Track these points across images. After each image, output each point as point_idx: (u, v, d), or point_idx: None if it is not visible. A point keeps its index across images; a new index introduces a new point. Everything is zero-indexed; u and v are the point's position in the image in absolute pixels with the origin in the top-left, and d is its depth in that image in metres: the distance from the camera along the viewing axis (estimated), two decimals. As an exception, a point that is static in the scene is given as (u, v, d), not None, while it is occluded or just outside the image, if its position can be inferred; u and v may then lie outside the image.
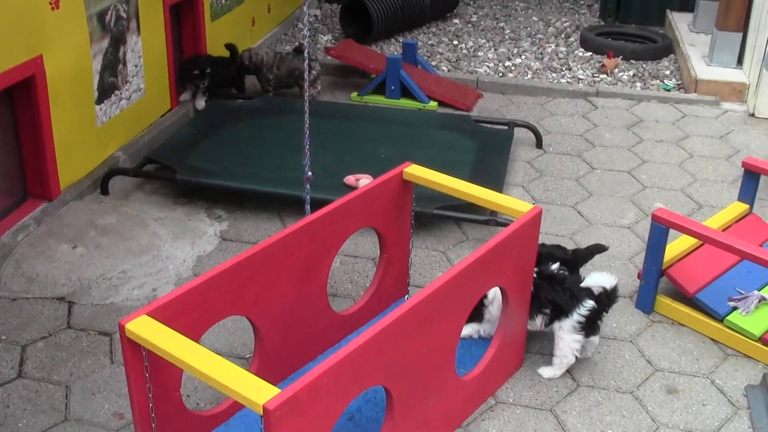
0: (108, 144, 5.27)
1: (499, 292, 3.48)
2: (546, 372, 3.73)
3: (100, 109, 5.13)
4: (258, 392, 2.45)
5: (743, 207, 4.61)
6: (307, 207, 4.00)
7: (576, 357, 3.67)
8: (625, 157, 5.78)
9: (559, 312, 3.61)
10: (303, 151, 3.89)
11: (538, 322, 3.67)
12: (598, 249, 4.11)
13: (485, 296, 3.64)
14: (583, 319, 3.58)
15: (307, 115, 3.86)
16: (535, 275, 3.58)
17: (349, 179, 4.93)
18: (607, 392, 3.68)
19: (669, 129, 6.24)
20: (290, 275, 3.33)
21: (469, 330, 3.78)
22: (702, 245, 4.27)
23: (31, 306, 4.12)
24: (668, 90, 6.90)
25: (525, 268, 3.47)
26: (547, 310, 3.63)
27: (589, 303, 3.57)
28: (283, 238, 3.23)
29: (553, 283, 3.62)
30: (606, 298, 3.63)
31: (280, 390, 2.45)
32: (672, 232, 3.99)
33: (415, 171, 3.73)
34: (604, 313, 3.65)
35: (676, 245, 4.23)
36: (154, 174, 5.22)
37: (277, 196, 4.85)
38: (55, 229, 4.64)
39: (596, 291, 3.62)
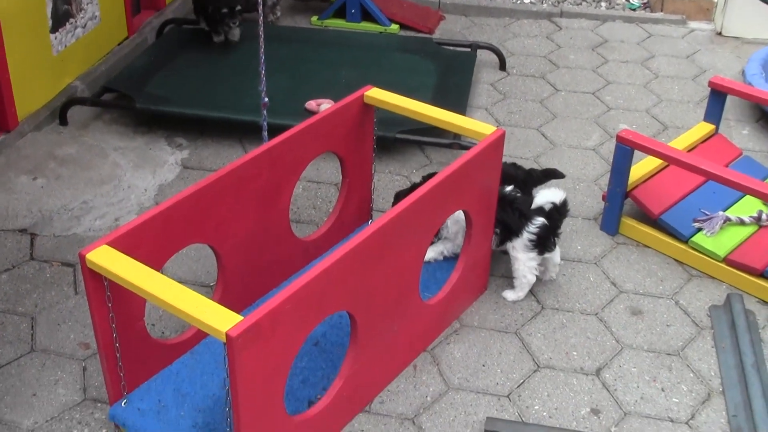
0: (65, 73, 5.15)
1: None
2: (510, 295, 3.75)
3: (55, 38, 5.00)
4: (220, 320, 2.44)
5: (709, 127, 4.60)
6: (264, 134, 3.96)
7: (537, 276, 3.69)
8: (590, 78, 5.74)
9: (510, 232, 3.62)
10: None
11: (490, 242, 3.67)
12: (555, 174, 4.05)
13: None
14: (534, 237, 3.58)
15: (261, 39, 3.81)
16: None
17: (311, 104, 4.87)
18: (571, 314, 3.71)
19: (634, 49, 6.20)
20: (251, 202, 3.30)
21: (432, 253, 3.78)
22: (667, 167, 4.27)
23: (-8, 238, 4.08)
24: (634, 9, 6.85)
25: (488, 191, 3.46)
26: (497, 230, 3.63)
27: (539, 220, 3.57)
28: (243, 164, 3.19)
29: (504, 203, 3.61)
30: (557, 214, 3.63)
31: (242, 317, 2.44)
32: (637, 153, 3.99)
33: (376, 94, 3.68)
34: (557, 228, 3.65)
35: (641, 167, 4.23)
36: (113, 103, 5.13)
37: (238, 122, 4.79)
38: (14, 160, 4.57)
39: (547, 207, 3.61)
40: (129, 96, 4.98)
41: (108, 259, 2.69)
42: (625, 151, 3.94)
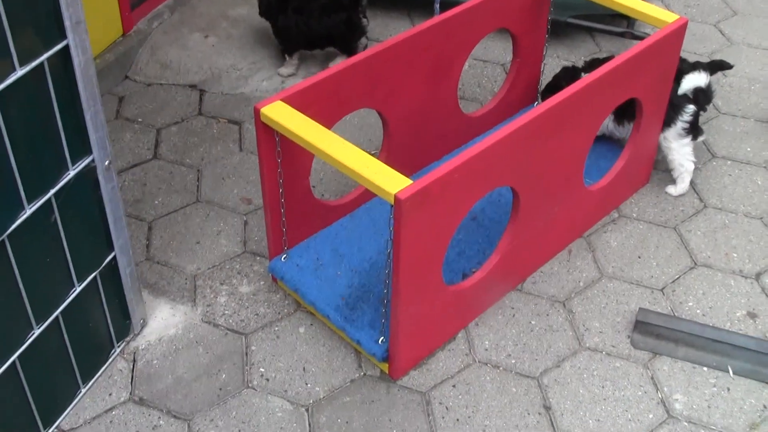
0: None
1: None
2: (673, 190, 3.66)
3: None
4: (391, 182, 2.48)
5: None
6: (436, 5, 3.92)
7: (694, 163, 3.62)
8: (781, -24, 5.40)
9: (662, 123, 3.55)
10: None
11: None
12: (721, 65, 3.85)
13: None
14: (687, 125, 3.53)
15: None
16: None
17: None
18: (735, 216, 3.60)
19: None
20: (421, 73, 3.29)
21: None
22: None
23: (165, 92, 4.22)
24: None
25: (664, 81, 3.35)
26: None
27: (690, 107, 3.52)
28: (416, 34, 3.17)
29: None
30: (704, 96, 3.56)
31: (411, 181, 2.47)
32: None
33: (555, -27, 3.58)
34: (702, 111, 3.60)
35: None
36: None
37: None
38: (188, 18, 4.68)
39: (692, 94, 3.53)
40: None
41: (282, 114, 2.74)
42: (813, 51, 3.73)
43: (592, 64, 3.71)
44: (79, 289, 2.65)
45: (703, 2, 5.07)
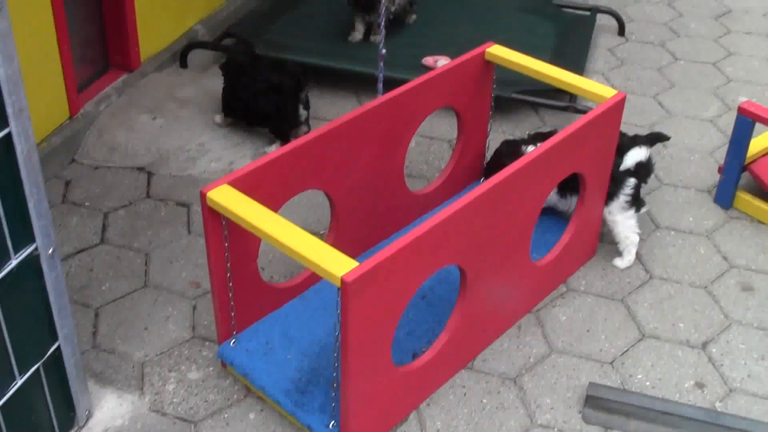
0: (187, 17, 5.25)
1: None
2: (620, 262, 3.72)
3: (180, -18, 5.11)
4: (337, 264, 2.48)
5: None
6: (380, 85, 3.98)
7: (638, 235, 3.70)
8: (711, 48, 5.57)
9: (606, 197, 3.62)
10: (379, 29, 3.86)
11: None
12: (659, 137, 3.87)
13: None
14: (629, 198, 3.62)
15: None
16: None
17: (428, 60, 4.87)
18: (680, 286, 3.66)
19: (759, 20, 5.97)
20: (368, 152, 3.33)
21: None
22: (789, 142, 4.15)
23: (113, 175, 4.21)
24: (761, -21, 6.60)
25: (605, 155, 3.42)
26: None
27: (631, 181, 3.61)
28: (363, 113, 3.22)
29: None
30: (644, 170, 3.66)
31: (358, 263, 2.48)
32: (758, 127, 3.88)
33: (497, 51, 3.65)
34: (644, 183, 3.69)
35: (761, 140, 4.11)
36: (233, 48, 5.20)
37: (355, 74, 4.81)
38: (136, 99, 4.69)
39: (633, 167, 3.62)
40: (249, 42, 5.03)
41: (229, 198, 2.75)
42: (746, 122, 3.84)
43: (536, 138, 3.79)
44: (20, 382, 2.59)
45: (642, 75, 5.21)
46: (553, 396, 3.15)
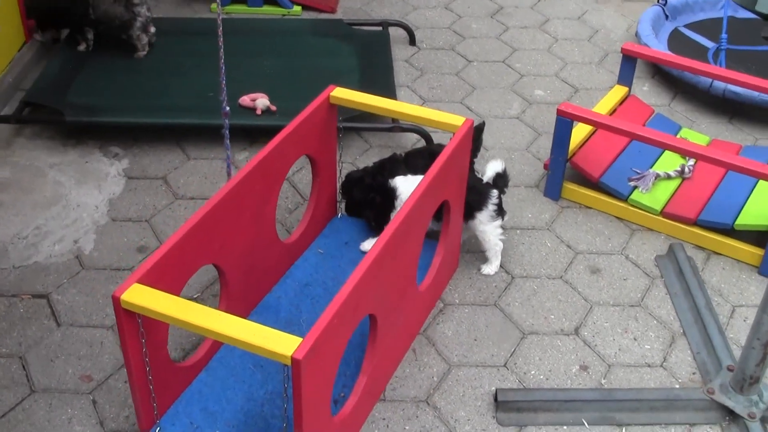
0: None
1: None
2: (489, 269, 3.99)
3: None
4: (282, 345, 2.55)
5: (624, 90, 4.95)
6: (227, 141, 3.99)
7: (502, 241, 3.97)
8: (496, 46, 5.98)
9: (471, 210, 3.88)
10: (215, 82, 3.87)
11: None
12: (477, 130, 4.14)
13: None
14: (495, 207, 3.89)
15: (221, 40, 3.82)
16: None
17: (244, 100, 4.84)
18: (539, 280, 3.98)
19: (529, 14, 6.47)
20: (248, 215, 3.39)
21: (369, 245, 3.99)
22: (595, 131, 4.59)
23: (-48, 280, 3.97)
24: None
25: (461, 179, 3.67)
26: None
27: (494, 192, 3.90)
28: (240, 180, 3.27)
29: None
30: (502, 180, 3.97)
31: (301, 339, 2.57)
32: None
33: (340, 94, 3.80)
34: (503, 193, 3.99)
35: (576, 133, 4.52)
36: (38, 118, 4.97)
37: (177, 126, 4.77)
38: (-49, 192, 4.43)
39: (492, 179, 3.94)
40: (54, 108, 4.82)
41: (143, 297, 2.74)
42: (565, 122, 4.22)
43: (383, 166, 3.99)
44: None
45: (444, 82, 5.51)
46: (466, 408, 3.37)
